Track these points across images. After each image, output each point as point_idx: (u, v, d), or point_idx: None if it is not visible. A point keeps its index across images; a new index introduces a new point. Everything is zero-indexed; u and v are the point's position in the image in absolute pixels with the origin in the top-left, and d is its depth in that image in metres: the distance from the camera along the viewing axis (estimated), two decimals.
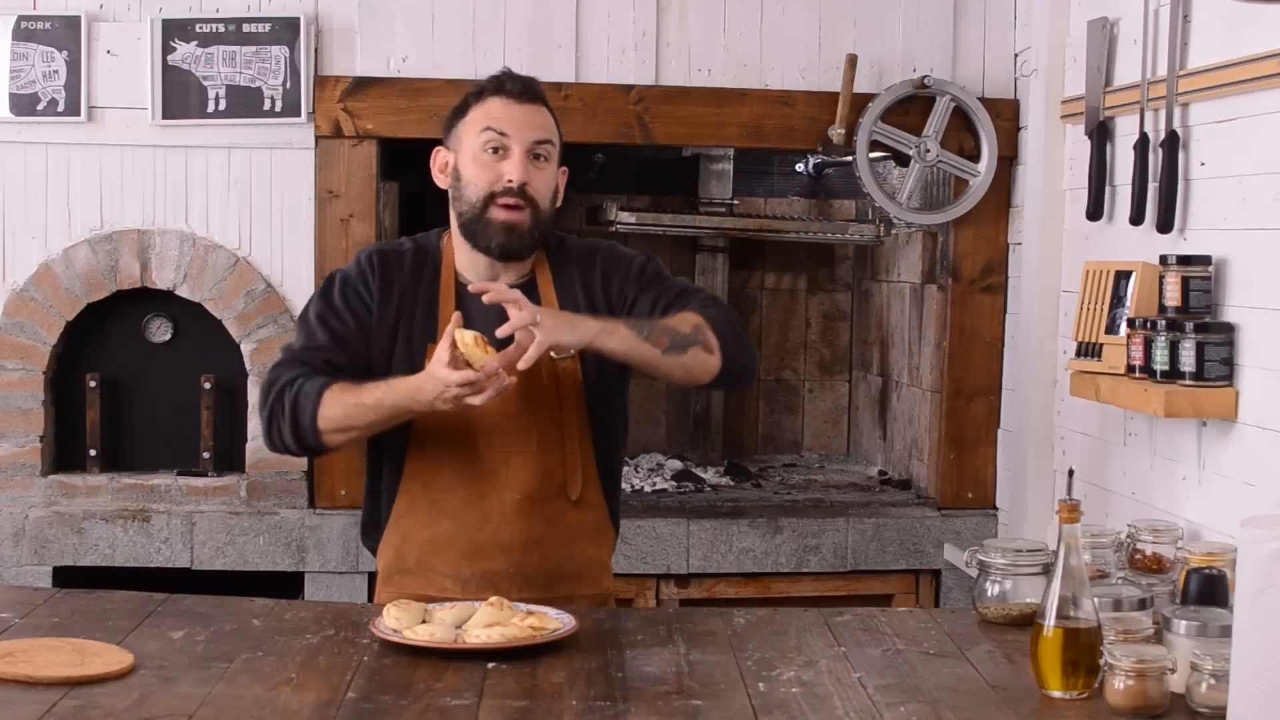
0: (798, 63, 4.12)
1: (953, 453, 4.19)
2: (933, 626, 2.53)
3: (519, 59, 3.99)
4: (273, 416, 2.59)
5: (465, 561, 2.62)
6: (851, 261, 5.09)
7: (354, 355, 2.63)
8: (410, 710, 2.04)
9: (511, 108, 2.62)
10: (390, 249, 2.72)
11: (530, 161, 2.61)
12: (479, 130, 2.61)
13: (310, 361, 2.61)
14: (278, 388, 2.58)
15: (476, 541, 2.62)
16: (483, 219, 2.61)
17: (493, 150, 2.60)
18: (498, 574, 2.59)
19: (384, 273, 2.67)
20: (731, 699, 2.12)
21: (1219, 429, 2.99)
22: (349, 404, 2.52)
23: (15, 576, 3.85)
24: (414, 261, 2.69)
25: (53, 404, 4.02)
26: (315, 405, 2.53)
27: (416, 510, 2.64)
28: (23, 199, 3.96)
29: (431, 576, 2.62)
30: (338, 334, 2.64)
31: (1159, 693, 2.08)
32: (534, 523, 2.63)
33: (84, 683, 2.09)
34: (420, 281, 2.68)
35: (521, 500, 2.62)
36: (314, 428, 2.54)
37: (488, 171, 2.60)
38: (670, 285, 2.72)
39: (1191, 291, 2.98)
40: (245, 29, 3.93)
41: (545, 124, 2.65)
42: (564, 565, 2.66)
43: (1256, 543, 1.91)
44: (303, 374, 2.57)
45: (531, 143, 2.61)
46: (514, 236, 2.61)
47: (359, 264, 2.69)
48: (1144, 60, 3.28)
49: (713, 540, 4.04)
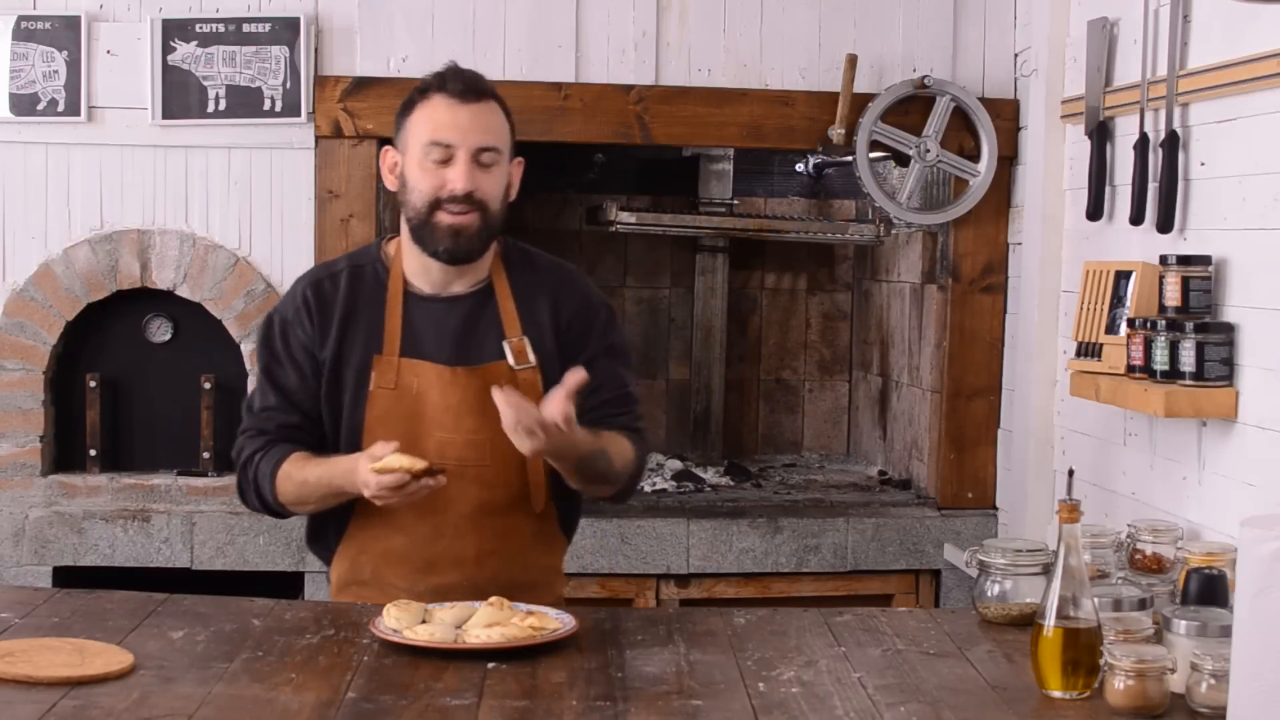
0: (798, 63, 4.12)
1: (953, 453, 4.19)
2: (933, 626, 2.53)
3: (519, 59, 3.99)
4: (243, 491, 2.69)
5: (419, 575, 2.62)
6: (851, 261, 5.09)
7: (308, 404, 2.65)
8: (410, 710, 2.04)
9: (456, 110, 2.56)
10: (324, 275, 2.69)
11: (476, 167, 2.56)
12: (423, 141, 2.56)
13: (266, 429, 2.66)
14: (241, 461, 2.67)
15: (429, 555, 2.62)
16: (429, 223, 2.58)
17: (436, 159, 2.56)
18: (451, 587, 2.57)
19: (320, 305, 2.65)
20: (731, 699, 2.12)
21: (1219, 429, 2.99)
22: (297, 483, 2.59)
23: (15, 576, 3.85)
24: (350, 280, 2.67)
25: (53, 404, 4.02)
26: (272, 486, 2.61)
27: (371, 524, 2.64)
28: (23, 199, 3.95)
29: (386, 589, 2.62)
30: (285, 389, 2.65)
31: (1159, 693, 2.08)
32: (487, 536, 2.62)
33: (84, 683, 2.09)
34: (360, 297, 2.65)
35: (475, 514, 2.61)
36: (278, 503, 2.63)
37: (432, 178, 2.56)
38: (617, 377, 2.69)
39: (1191, 291, 2.98)
40: (245, 29, 3.93)
41: (491, 124, 2.59)
42: (518, 576, 2.64)
43: (1256, 543, 1.91)
44: (260, 448, 2.64)
45: (476, 149, 2.56)
46: (461, 240, 2.58)
47: (294, 300, 2.67)
48: (1144, 60, 3.28)
49: (713, 540, 4.04)
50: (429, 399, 2.60)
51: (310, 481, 2.57)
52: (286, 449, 2.61)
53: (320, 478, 2.56)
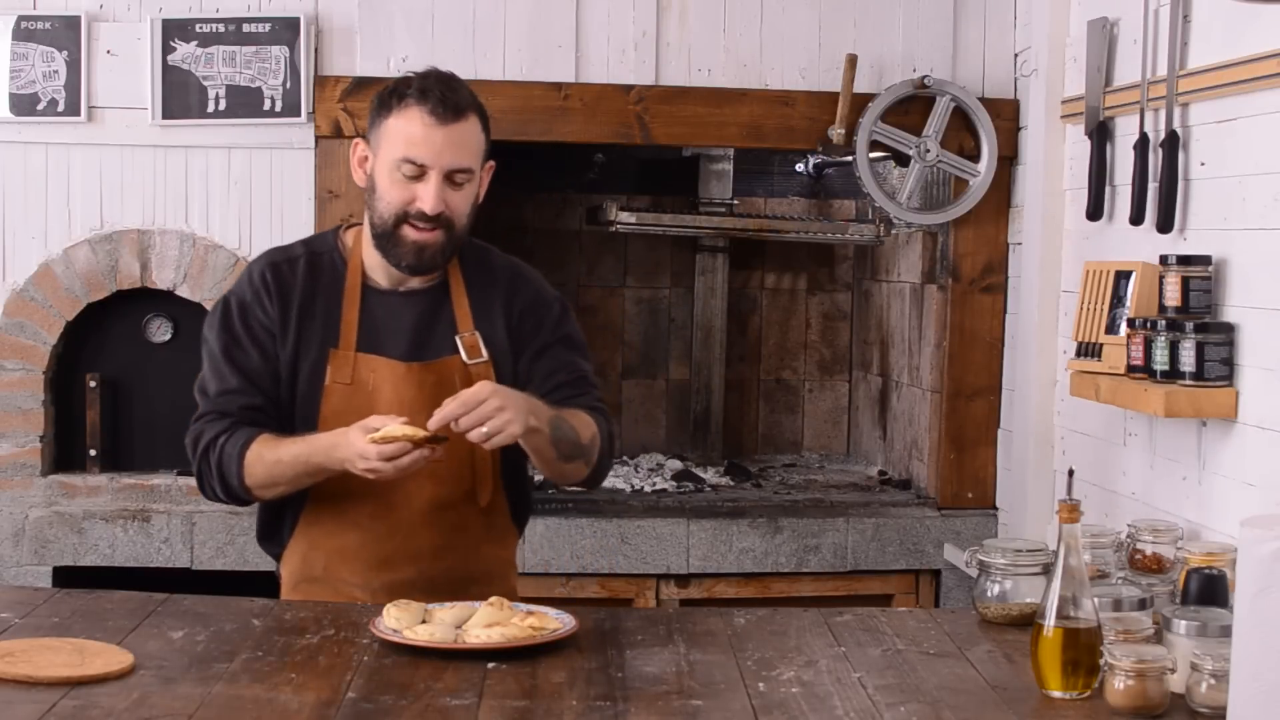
0: (798, 63, 4.12)
1: (953, 453, 4.19)
2: (933, 626, 2.53)
3: (519, 59, 3.99)
4: (202, 476, 2.60)
5: (372, 572, 2.61)
6: (851, 261, 5.09)
7: (267, 387, 2.61)
8: (410, 710, 2.04)
9: (431, 131, 2.52)
10: (281, 259, 2.66)
11: (448, 185, 2.54)
12: (396, 156, 2.53)
13: (228, 411, 2.59)
14: (201, 446, 2.58)
15: (384, 552, 2.61)
16: (394, 235, 2.56)
17: (408, 175, 2.54)
18: (405, 582, 2.57)
19: (279, 288, 2.61)
20: (731, 699, 2.12)
21: (1219, 429, 2.98)
22: (269, 462, 2.52)
23: (15, 576, 3.85)
24: (308, 267, 2.64)
25: (53, 404, 4.02)
26: (239, 467, 2.54)
27: (323, 520, 2.62)
28: (23, 199, 3.96)
29: (339, 585, 2.62)
30: (246, 371, 2.60)
31: (1159, 693, 2.08)
32: (441, 530, 2.62)
33: (84, 683, 2.09)
34: (317, 287, 2.63)
35: (428, 509, 2.60)
36: (243, 486, 2.56)
37: (402, 192, 2.54)
38: (573, 363, 2.69)
39: (1191, 291, 2.98)
40: (245, 29, 3.93)
41: (466, 143, 2.56)
42: (472, 569, 2.65)
43: (1256, 543, 1.91)
44: (224, 430, 2.57)
45: (449, 170, 2.54)
46: (425, 255, 2.57)
47: (251, 282, 2.63)
48: (1144, 60, 3.28)
49: (713, 540, 4.04)
50: (383, 395, 2.59)
51: (285, 460, 2.51)
52: (253, 431, 2.56)
53: (297, 456, 2.51)
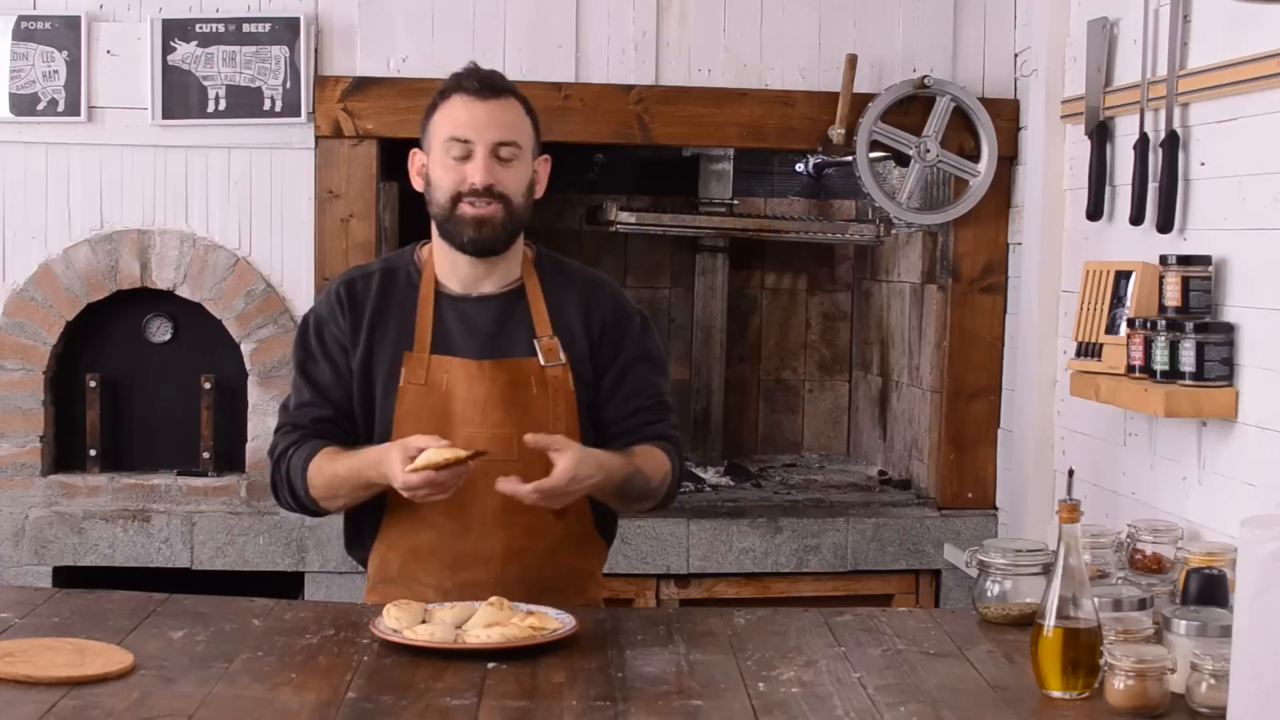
0: (798, 63, 4.12)
1: (953, 453, 4.19)
2: (933, 626, 2.53)
3: (519, 59, 3.99)
4: (276, 487, 2.69)
5: (446, 571, 2.62)
6: (851, 261, 5.09)
7: (339, 399, 2.68)
8: (410, 710, 2.04)
9: (474, 107, 2.61)
10: (357, 275, 2.74)
11: (495, 161, 2.61)
12: (443, 139, 2.62)
13: (300, 424, 2.67)
14: (274, 458, 2.68)
15: (457, 551, 2.62)
16: (453, 216, 2.62)
17: (456, 156, 2.61)
18: (479, 584, 2.57)
19: (352, 303, 2.69)
20: (731, 699, 2.12)
21: (1219, 429, 2.99)
22: (328, 474, 2.59)
23: (15, 576, 3.85)
24: (382, 281, 2.71)
25: (53, 404, 4.02)
26: (304, 479, 2.61)
27: (401, 520, 2.64)
28: (23, 199, 3.95)
29: (414, 586, 2.62)
30: (319, 385, 2.68)
31: (1159, 693, 2.08)
32: (515, 533, 2.62)
33: (84, 683, 2.09)
34: (391, 298, 2.69)
35: (501, 510, 2.59)
36: (310, 498, 2.63)
37: (453, 173, 2.61)
38: (653, 385, 2.73)
39: (1191, 291, 2.98)
40: (245, 29, 3.93)
41: (509, 120, 2.64)
42: (547, 576, 2.64)
43: (1256, 543, 1.91)
44: (294, 443, 2.65)
45: (494, 144, 2.60)
46: (485, 230, 2.62)
47: (329, 300, 2.72)
48: (1144, 60, 3.28)
49: (713, 540, 4.04)
50: (457, 394, 2.62)
51: (340, 474, 2.58)
52: (318, 444, 2.63)
53: (351, 469, 2.57)
